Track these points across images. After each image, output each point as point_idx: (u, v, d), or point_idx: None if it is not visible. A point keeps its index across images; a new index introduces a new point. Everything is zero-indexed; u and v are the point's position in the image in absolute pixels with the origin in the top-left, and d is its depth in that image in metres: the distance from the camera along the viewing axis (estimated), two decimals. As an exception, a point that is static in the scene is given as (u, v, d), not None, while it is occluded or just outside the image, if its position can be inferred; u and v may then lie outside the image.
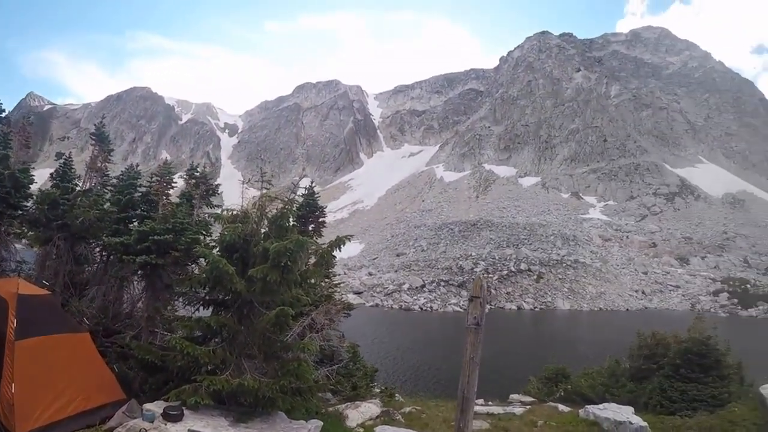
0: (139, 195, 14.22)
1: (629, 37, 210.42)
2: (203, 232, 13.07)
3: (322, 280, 15.16)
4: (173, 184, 15.26)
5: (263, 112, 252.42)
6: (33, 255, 14.75)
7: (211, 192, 16.46)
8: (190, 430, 7.75)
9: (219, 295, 9.90)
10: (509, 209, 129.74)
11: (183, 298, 11.06)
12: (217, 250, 10.19)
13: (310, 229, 17.22)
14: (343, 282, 31.03)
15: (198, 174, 17.11)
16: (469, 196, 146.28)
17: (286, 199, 10.65)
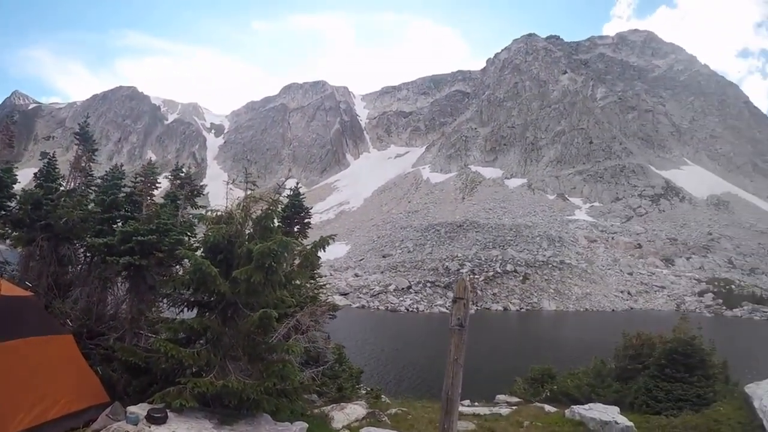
0: (124, 195, 14.08)
1: (615, 40, 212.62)
2: (188, 233, 13.01)
3: (307, 281, 15.13)
4: (158, 185, 15.17)
5: (250, 112, 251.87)
6: (16, 256, 14.61)
7: (196, 192, 16.40)
8: (173, 433, 7.69)
9: (203, 297, 9.81)
10: (495, 210, 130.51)
11: (167, 300, 10.96)
12: (201, 251, 10.10)
13: (295, 230, 17.17)
14: (329, 283, 30.99)
15: (183, 174, 17.04)
16: (456, 197, 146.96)
17: (271, 199, 10.61)
